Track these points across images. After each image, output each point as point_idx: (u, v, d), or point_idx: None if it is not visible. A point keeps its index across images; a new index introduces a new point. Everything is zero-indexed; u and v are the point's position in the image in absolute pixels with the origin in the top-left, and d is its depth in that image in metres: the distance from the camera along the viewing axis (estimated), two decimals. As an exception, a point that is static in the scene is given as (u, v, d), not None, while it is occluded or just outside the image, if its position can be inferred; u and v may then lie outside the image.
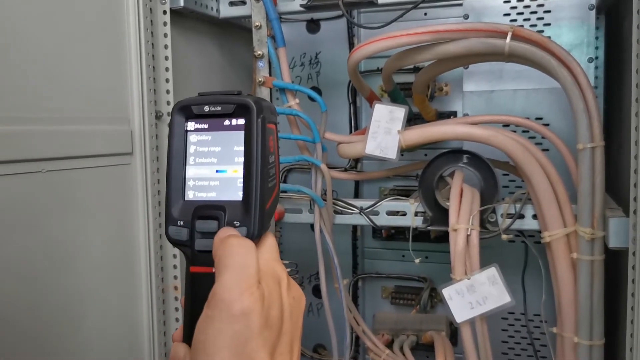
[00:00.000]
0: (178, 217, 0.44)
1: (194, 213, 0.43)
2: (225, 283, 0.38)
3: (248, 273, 0.39)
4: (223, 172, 0.44)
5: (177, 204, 0.44)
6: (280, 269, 0.42)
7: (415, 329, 1.22)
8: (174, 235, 0.44)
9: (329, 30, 1.35)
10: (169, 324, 1.04)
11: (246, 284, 0.38)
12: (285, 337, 0.40)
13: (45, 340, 0.81)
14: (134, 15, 0.96)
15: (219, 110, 0.44)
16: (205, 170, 0.44)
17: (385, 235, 1.35)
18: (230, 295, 0.38)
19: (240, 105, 0.43)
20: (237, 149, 0.44)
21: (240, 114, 0.43)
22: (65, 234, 0.84)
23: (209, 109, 0.44)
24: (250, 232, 0.42)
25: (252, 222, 0.42)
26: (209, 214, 0.43)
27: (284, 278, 0.42)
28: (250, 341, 0.37)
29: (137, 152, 0.97)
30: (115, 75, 0.94)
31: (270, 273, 0.41)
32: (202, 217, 0.43)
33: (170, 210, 0.44)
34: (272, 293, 0.40)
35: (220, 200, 0.43)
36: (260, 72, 1.04)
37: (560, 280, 0.90)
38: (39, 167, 0.79)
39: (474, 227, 0.93)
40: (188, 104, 0.45)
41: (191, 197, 0.44)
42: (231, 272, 0.39)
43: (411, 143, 0.97)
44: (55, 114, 0.83)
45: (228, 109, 0.44)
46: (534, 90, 1.10)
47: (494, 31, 0.88)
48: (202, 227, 0.43)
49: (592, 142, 0.84)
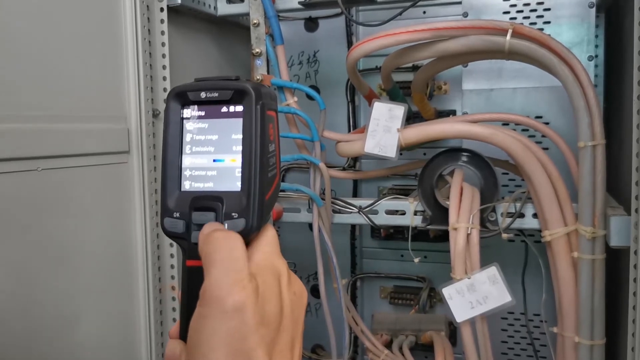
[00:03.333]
0: (174, 209, 0.42)
1: (191, 204, 0.41)
2: (214, 279, 0.37)
3: (236, 267, 0.37)
4: (220, 162, 0.42)
5: (172, 195, 0.42)
6: (280, 263, 0.40)
7: (414, 329, 1.22)
8: (169, 227, 0.42)
9: (327, 28, 1.34)
10: (166, 323, 1.03)
11: (235, 278, 0.37)
12: (285, 334, 0.38)
13: (41, 339, 0.80)
14: (130, 12, 0.95)
15: (216, 97, 0.42)
16: (202, 159, 0.43)
17: (384, 235, 1.34)
18: (220, 292, 0.36)
19: (239, 91, 0.41)
20: (235, 137, 0.42)
21: (238, 100, 0.41)
22: (61, 232, 0.83)
23: (206, 95, 0.42)
24: (249, 224, 0.40)
25: (251, 214, 0.40)
26: (206, 205, 0.41)
27: (284, 272, 0.40)
28: (246, 338, 0.36)
29: (134, 151, 0.96)
30: (111, 73, 0.93)
31: (268, 267, 0.39)
32: (199, 209, 0.41)
33: (166, 201, 0.42)
34: (269, 288, 0.38)
35: (217, 190, 0.42)
36: (259, 70, 1.04)
37: (561, 279, 0.90)
38: (35, 165, 0.78)
39: (474, 226, 0.92)
40: (184, 90, 0.43)
41: (187, 188, 0.43)
42: (219, 267, 0.37)
43: (411, 141, 0.96)
44: (51, 111, 0.82)
45: (225, 95, 0.42)
46: (533, 88, 1.09)
47: (494, 28, 0.87)
48: (199, 219, 0.41)
49: (593, 140, 0.84)
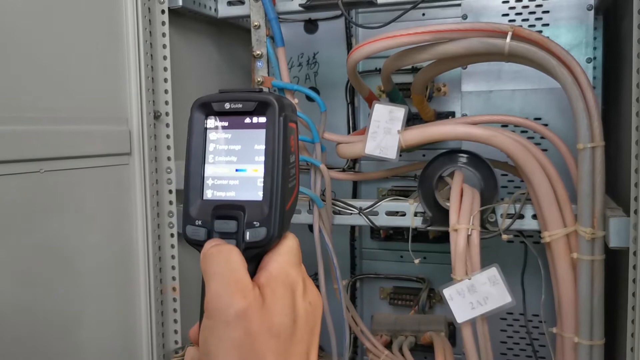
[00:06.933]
0: (196, 217, 0.42)
1: (213, 213, 0.42)
2: (214, 292, 0.38)
3: (235, 277, 0.38)
4: (243, 171, 0.43)
5: (195, 203, 0.43)
6: (296, 272, 0.41)
7: (413, 330, 1.22)
8: (191, 234, 0.42)
9: (326, 30, 1.35)
10: (167, 325, 1.04)
11: (235, 288, 0.37)
12: (299, 346, 0.39)
13: (43, 340, 0.80)
14: (132, 14, 0.95)
15: (240, 108, 0.42)
16: (225, 169, 0.43)
17: (384, 236, 1.35)
18: (221, 303, 0.37)
19: (262, 103, 0.42)
20: (258, 147, 0.42)
21: (261, 111, 0.42)
22: (63, 234, 0.83)
23: (230, 106, 0.43)
24: (270, 233, 0.41)
25: (272, 223, 0.41)
26: (228, 213, 0.42)
27: (299, 283, 0.40)
28: (254, 348, 0.36)
29: (136, 152, 0.96)
30: (113, 75, 0.94)
31: (280, 278, 0.40)
32: (221, 217, 0.42)
33: (189, 209, 0.43)
34: (279, 299, 0.38)
35: (239, 199, 0.42)
36: (259, 72, 1.04)
37: (561, 280, 0.90)
38: (38, 167, 0.78)
39: (475, 227, 0.93)
40: (208, 100, 0.43)
41: (210, 197, 0.43)
42: (217, 280, 0.38)
43: (411, 143, 0.97)
44: (53, 113, 0.82)
45: (249, 107, 0.42)
46: (532, 90, 1.10)
47: (494, 31, 0.88)
48: (221, 227, 0.41)
49: (592, 142, 0.84)
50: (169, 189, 1.03)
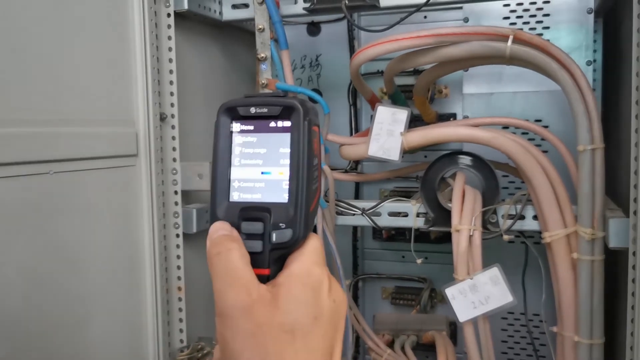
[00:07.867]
0: (223, 218, 0.43)
1: (239, 214, 0.43)
2: (218, 292, 0.39)
3: (236, 276, 0.39)
4: (268, 174, 0.44)
5: (222, 205, 0.44)
6: (319, 271, 0.41)
7: (415, 329, 1.23)
8: None
9: (329, 32, 1.36)
10: (174, 325, 1.05)
11: (237, 286, 0.38)
12: (323, 342, 0.39)
13: (51, 340, 0.81)
14: (138, 17, 0.97)
15: (265, 112, 0.43)
16: (251, 171, 0.44)
17: (386, 236, 1.36)
18: (226, 301, 0.38)
19: (287, 107, 0.43)
20: (283, 150, 0.43)
21: (286, 115, 0.43)
22: (71, 235, 0.84)
23: (255, 110, 0.44)
24: (296, 235, 0.42)
25: (298, 224, 0.42)
26: (255, 215, 0.43)
27: (324, 280, 0.41)
28: (266, 341, 0.37)
29: (142, 154, 0.98)
30: (120, 78, 0.95)
31: (301, 276, 0.41)
32: (247, 219, 0.43)
33: (215, 211, 0.44)
34: (295, 297, 0.39)
35: (265, 202, 0.43)
36: (264, 75, 1.05)
37: (561, 280, 0.91)
38: (47, 169, 0.80)
39: (477, 227, 0.94)
40: (234, 105, 0.44)
41: (236, 199, 0.44)
42: (220, 280, 0.39)
43: (414, 145, 0.98)
44: (61, 116, 0.83)
45: (274, 111, 0.43)
46: (533, 92, 1.11)
47: (495, 34, 0.89)
48: (248, 229, 0.42)
49: (592, 144, 0.86)
50: (175, 189, 1.04)
